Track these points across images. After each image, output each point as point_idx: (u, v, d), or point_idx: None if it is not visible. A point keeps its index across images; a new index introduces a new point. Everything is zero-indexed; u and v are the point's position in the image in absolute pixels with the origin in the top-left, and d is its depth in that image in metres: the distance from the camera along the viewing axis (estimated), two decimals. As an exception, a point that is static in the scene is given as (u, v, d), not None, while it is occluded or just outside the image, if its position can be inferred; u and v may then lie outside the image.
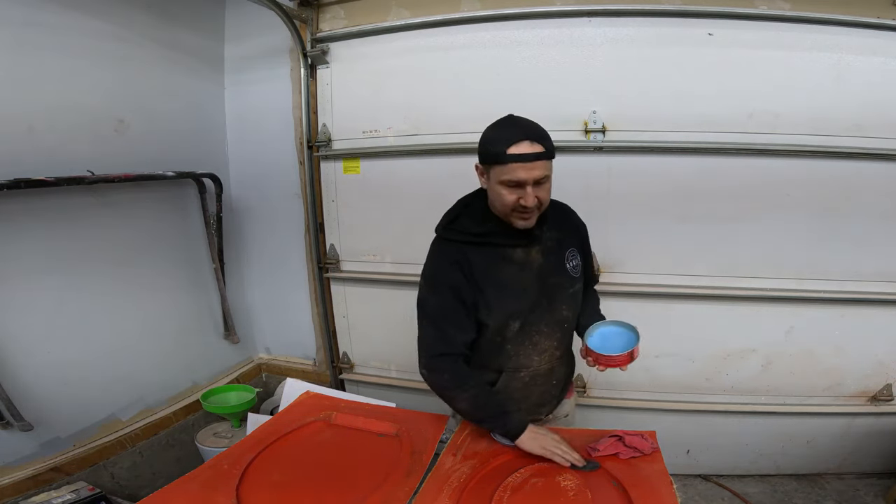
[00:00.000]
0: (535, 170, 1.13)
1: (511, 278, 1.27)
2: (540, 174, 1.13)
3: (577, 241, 1.40)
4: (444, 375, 1.27)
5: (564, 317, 1.35)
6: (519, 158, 1.12)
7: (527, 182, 1.13)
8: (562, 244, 1.34)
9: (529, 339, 1.32)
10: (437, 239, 1.33)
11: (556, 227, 1.34)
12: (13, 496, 1.69)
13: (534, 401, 1.42)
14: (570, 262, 1.35)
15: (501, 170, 1.15)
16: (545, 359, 1.36)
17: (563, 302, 1.33)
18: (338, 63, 2.36)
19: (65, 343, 1.88)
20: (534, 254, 1.29)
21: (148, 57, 2.16)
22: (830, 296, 2.11)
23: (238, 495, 1.12)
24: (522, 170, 1.12)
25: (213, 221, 2.48)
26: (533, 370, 1.36)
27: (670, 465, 1.20)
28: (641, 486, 1.11)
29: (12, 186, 1.59)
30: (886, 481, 2.32)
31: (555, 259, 1.32)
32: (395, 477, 1.19)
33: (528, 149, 1.12)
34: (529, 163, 1.12)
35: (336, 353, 2.75)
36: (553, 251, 1.32)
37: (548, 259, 1.30)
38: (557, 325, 1.35)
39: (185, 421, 2.35)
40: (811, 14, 1.88)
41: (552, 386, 1.43)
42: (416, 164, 2.32)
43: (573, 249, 1.36)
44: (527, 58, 2.11)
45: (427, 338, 1.29)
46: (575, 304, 1.37)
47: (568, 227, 1.39)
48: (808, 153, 1.98)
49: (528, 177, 1.13)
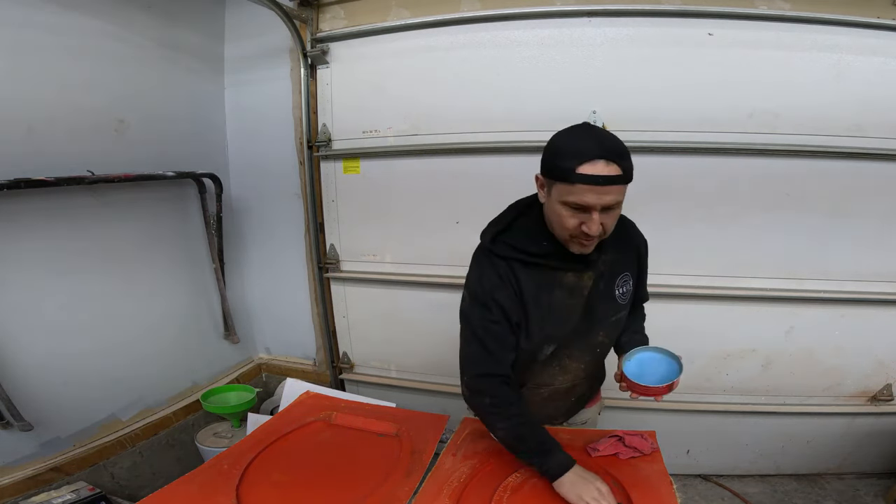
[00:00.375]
0: (608, 195, 0.97)
1: (557, 304, 1.16)
2: (611, 200, 0.98)
3: (634, 263, 1.27)
4: (485, 399, 1.15)
5: (600, 342, 1.26)
6: (591, 180, 0.95)
7: (594, 208, 0.98)
8: (615, 269, 1.21)
9: (559, 362, 1.25)
10: (484, 250, 1.17)
11: (614, 248, 1.19)
12: (13, 496, 1.69)
13: (548, 412, 1.39)
14: (621, 288, 1.22)
15: (567, 189, 0.99)
16: (568, 378, 1.30)
17: (602, 328, 1.24)
18: (338, 63, 2.36)
19: (65, 343, 1.88)
20: (585, 279, 1.17)
21: (148, 57, 2.16)
22: (830, 296, 2.11)
23: (238, 495, 1.12)
24: (592, 194, 0.96)
25: (213, 221, 2.48)
26: (554, 388, 1.31)
27: (670, 465, 1.20)
28: (641, 486, 1.11)
29: (12, 186, 1.59)
30: (886, 481, 2.32)
31: (604, 285, 1.19)
32: (395, 477, 1.19)
33: (603, 170, 0.95)
34: (602, 187, 0.96)
35: (336, 353, 2.75)
36: (605, 277, 1.19)
37: (597, 285, 1.18)
38: (590, 350, 1.26)
39: (185, 421, 2.35)
40: (811, 14, 1.88)
41: (571, 403, 1.40)
42: (416, 164, 2.32)
43: (626, 275, 1.24)
44: (527, 58, 2.10)
45: (471, 355, 1.17)
46: (615, 330, 1.28)
47: (627, 249, 1.25)
48: (808, 153, 1.98)
49: (596, 202, 0.97)
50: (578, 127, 1.05)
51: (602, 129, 1.05)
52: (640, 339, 1.32)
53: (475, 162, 2.22)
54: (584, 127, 1.05)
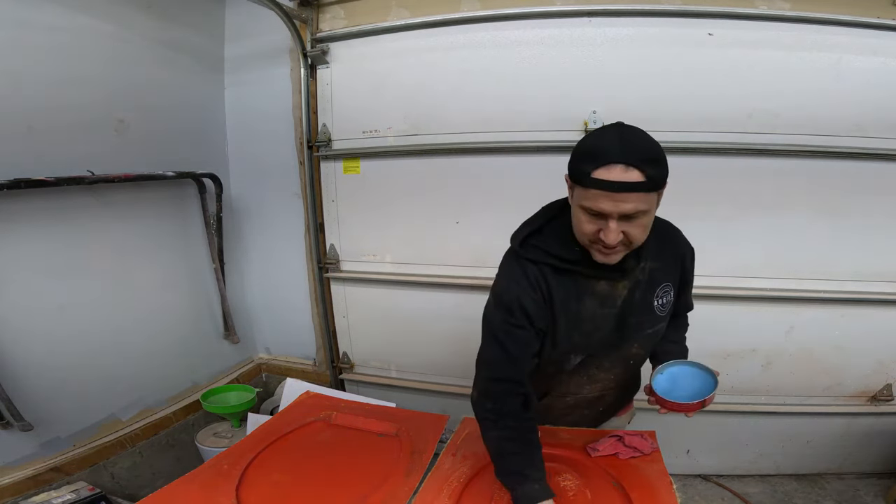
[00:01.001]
0: (625, 203, 0.90)
1: (588, 313, 1.09)
2: (631, 208, 0.90)
3: (677, 273, 1.19)
4: (487, 403, 1.10)
5: (633, 354, 1.19)
6: (603, 186, 0.89)
7: (611, 216, 0.92)
8: (655, 279, 1.13)
9: (587, 372, 1.20)
10: (514, 254, 1.12)
11: (653, 257, 1.12)
12: (13, 496, 1.69)
13: (571, 421, 1.36)
14: (661, 299, 1.14)
15: (583, 194, 0.93)
16: (596, 388, 1.24)
17: (637, 341, 1.16)
18: (338, 63, 2.36)
19: (65, 343, 1.88)
20: (620, 288, 1.09)
21: (148, 57, 2.16)
22: (830, 296, 2.11)
23: (238, 495, 1.12)
24: (608, 200, 0.90)
25: (213, 221, 2.48)
26: (580, 397, 1.27)
27: (670, 465, 1.20)
28: (641, 486, 1.11)
29: (12, 186, 1.59)
30: (886, 481, 2.32)
31: (641, 296, 1.11)
32: (395, 477, 1.19)
33: (619, 176, 0.88)
34: (618, 193, 0.89)
35: (336, 353, 2.75)
36: (642, 287, 1.11)
37: (633, 295, 1.10)
38: (622, 362, 1.19)
39: (185, 421, 2.35)
40: (811, 14, 1.88)
41: (598, 412, 1.35)
42: (416, 164, 2.32)
43: (667, 285, 1.15)
44: (527, 58, 2.10)
45: (489, 359, 1.11)
46: (651, 343, 1.20)
47: (669, 257, 1.16)
48: (808, 153, 1.98)
49: (612, 210, 0.91)
50: (610, 127, 0.96)
51: (636, 130, 0.95)
52: (678, 351, 1.25)
53: (475, 162, 2.22)
54: (615, 127, 0.96)
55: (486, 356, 1.13)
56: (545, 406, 1.30)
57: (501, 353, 1.09)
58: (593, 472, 1.18)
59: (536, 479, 1.03)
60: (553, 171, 2.15)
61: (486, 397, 1.10)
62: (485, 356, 1.13)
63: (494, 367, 1.10)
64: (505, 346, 1.08)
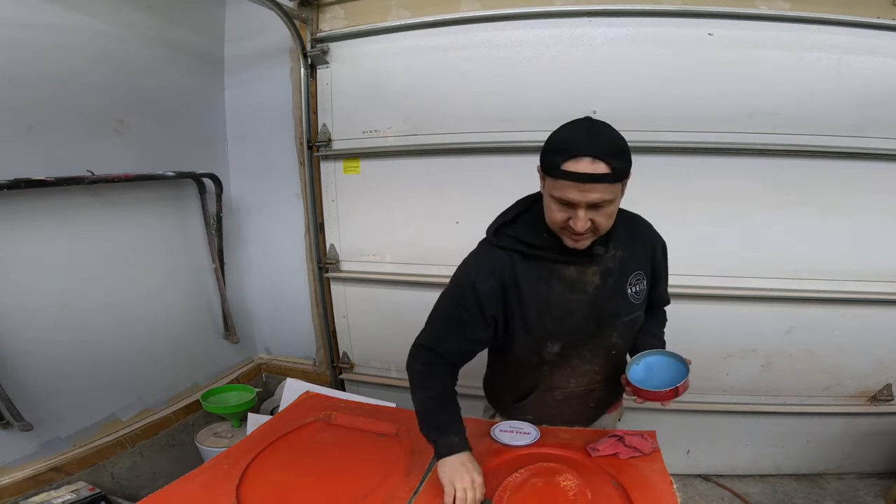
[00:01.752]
0: (592, 193, 0.96)
1: (557, 298, 1.14)
2: (597, 198, 0.97)
3: (648, 262, 1.23)
4: (417, 365, 1.20)
5: (613, 343, 1.22)
6: (572, 177, 0.96)
7: (579, 204, 0.99)
8: (626, 266, 1.18)
9: (569, 363, 1.22)
10: (486, 242, 1.20)
11: (624, 245, 1.18)
12: (13, 496, 1.69)
13: (566, 418, 1.36)
14: (633, 287, 1.19)
15: (553, 184, 1.01)
16: (583, 381, 1.27)
17: (615, 329, 1.20)
18: (338, 63, 2.36)
19: (65, 343, 1.88)
20: (589, 274, 1.15)
21: (148, 57, 2.16)
22: (830, 296, 2.11)
23: (238, 495, 1.12)
24: (575, 191, 0.97)
25: (213, 221, 2.48)
26: (568, 391, 1.28)
27: (670, 465, 1.20)
28: (641, 486, 1.11)
29: (12, 186, 1.59)
30: (886, 481, 2.32)
31: (613, 282, 1.16)
32: (395, 477, 1.19)
33: (587, 168, 0.95)
34: (585, 184, 0.95)
35: (336, 353, 2.75)
36: (613, 273, 1.16)
37: (605, 281, 1.15)
38: (603, 352, 1.22)
39: (185, 421, 2.35)
40: (811, 14, 1.88)
41: (589, 408, 1.37)
42: (416, 164, 2.32)
43: (639, 273, 1.20)
44: (527, 58, 2.10)
45: (426, 328, 1.23)
46: (629, 331, 1.24)
47: (639, 247, 1.22)
48: (808, 153, 1.98)
49: (580, 199, 0.97)
50: (579, 121, 1.03)
51: (603, 125, 1.01)
52: (655, 344, 1.28)
53: (475, 162, 2.22)
54: (584, 122, 1.02)
55: (428, 324, 1.23)
56: (535, 403, 1.32)
57: (441, 327, 1.20)
58: (593, 472, 1.18)
59: (457, 433, 1.13)
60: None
61: (418, 360, 1.21)
62: (427, 326, 1.23)
63: (432, 336, 1.21)
64: (447, 322, 1.19)
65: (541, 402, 1.32)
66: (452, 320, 1.18)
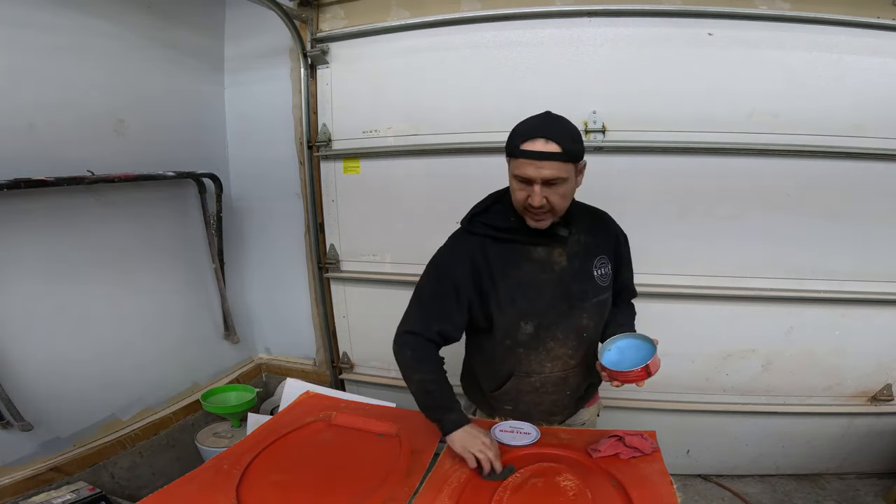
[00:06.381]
0: (545, 169, 1.10)
1: (527, 277, 1.24)
2: (550, 175, 1.10)
3: (612, 249, 1.34)
4: (407, 352, 1.27)
5: (584, 325, 1.29)
6: (528, 155, 1.10)
7: (534, 180, 1.12)
8: (591, 250, 1.29)
9: (543, 345, 1.28)
10: (459, 230, 1.33)
11: (587, 232, 1.30)
12: (13, 496, 1.69)
13: (545, 408, 1.38)
14: (599, 269, 1.29)
15: (514, 164, 1.15)
16: (558, 366, 1.31)
17: (584, 310, 1.28)
18: (338, 63, 2.36)
19: (65, 343, 1.88)
20: (556, 255, 1.25)
21: (148, 57, 2.16)
22: (830, 296, 2.11)
23: (238, 495, 1.12)
24: (531, 167, 1.11)
25: (213, 221, 2.48)
26: (544, 376, 1.32)
27: (670, 465, 1.20)
28: (641, 486, 1.11)
29: (12, 186, 1.59)
30: (886, 481, 2.32)
31: (580, 264, 1.27)
32: (395, 477, 1.19)
33: (541, 147, 1.09)
34: (538, 161, 1.10)
35: (336, 353, 2.75)
36: (579, 256, 1.27)
37: (571, 263, 1.26)
38: (575, 334, 1.29)
39: (185, 421, 2.35)
40: (811, 14, 1.88)
41: (566, 396, 1.38)
42: (416, 164, 2.32)
43: (604, 258, 1.31)
44: (527, 58, 2.10)
45: (409, 313, 1.31)
46: (599, 314, 1.32)
47: (603, 235, 1.34)
48: (808, 153, 1.98)
49: (535, 175, 1.11)
50: (538, 114, 1.18)
51: (559, 117, 1.16)
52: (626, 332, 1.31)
53: (475, 162, 2.22)
54: (542, 114, 1.18)
55: (409, 311, 1.31)
56: (513, 391, 1.35)
57: (423, 312, 1.28)
58: (593, 472, 1.19)
59: (456, 410, 1.24)
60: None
61: (407, 346, 1.27)
62: (408, 311, 1.31)
63: (414, 321, 1.29)
64: (428, 306, 1.28)
65: (518, 389, 1.34)
66: (433, 304, 1.28)
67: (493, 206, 1.29)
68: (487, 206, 1.30)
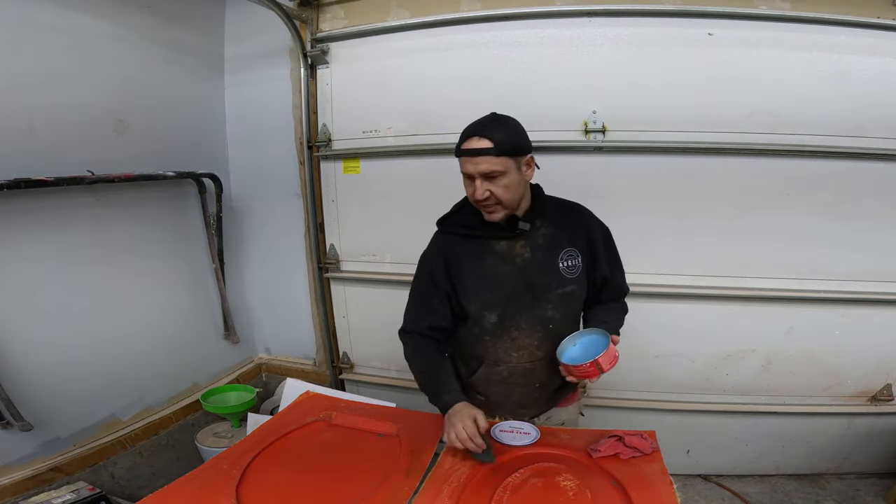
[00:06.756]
0: (480, 164, 1.19)
1: (491, 270, 1.31)
2: (486, 168, 1.19)
3: (583, 243, 1.35)
4: (407, 349, 1.39)
5: (550, 317, 1.32)
6: (464, 153, 1.21)
7: (474, 175, 1.21)
8: (557, 243, 1.33)
9: (508, 334, 1.33)
10: (436, 232, 1.43)
11: (555, 225, 1.34)
12: (13, 496, 1.69)
13: (515, 400, 1.41)
14: (565, 261, 1.33)
15: (460, 164, 1.25)
16: (524, 356, 1.34)
17: (549, 301, 1.32)
18: (338, 63, 2.36)
19: (65, 343, 1.88)
20: (518, 248, 1.32)
21: (148, 57, 2.16)
22: (830, 296, 2.11)
23: (238, 495, 1.12)
24: (469, 163, 1.21)
25: (213, 221, 2.48)
26: (511, 366, 1.35)
27: (670, 465, 1.20)
28: (641, 486, 1.11)
29: (12, 186, 1.59)
30: (886, 481, 2.32)
31: (543, 256, 1.32)
32: (395, 477, 1.19)
33: (475, 144, 1.19)
34: (472, 157, 1.19)
35: (336, 353, 2.75)
36: (543, 248, 1.32)
37: (535, 255, 1.31)
38: (540, 324, 1.32)
39: (185, 421, 2.35)
40: (811, 14, 1.88)
41: (535, 388, 1.40)
42: (416, 164, 2.32)
43: (571, 250, 1.33)
44: (527, 58, 2.10)
45: (405, 314, 1.43)
46: (565, 305, 1.34)
47: (572, 227, 1.36)
48: (808, 153, 1.98)
49: (473, 170, 1.20)
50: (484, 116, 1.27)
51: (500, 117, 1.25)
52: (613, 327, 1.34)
53: (475, 162, 2.22)
54: (486, 115, 1.27)
55: (405, 311, 1.43)
56: (483, 380, 1.40)
57: (414, 310, 1.41)
58: (593, 472, 1.19)
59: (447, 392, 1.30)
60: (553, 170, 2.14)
61: (406, 345, 1.39)
62: (405, 311, 1.43)
63: (409, 320, 1.41)
64: (417, 304, 1.41)
65: (488, 378, 1.39)
66: (420, 301, 1.40)
67: (464, 207, 1.38)
68: (460, 208, 1.40)
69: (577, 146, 2.11)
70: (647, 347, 2.26)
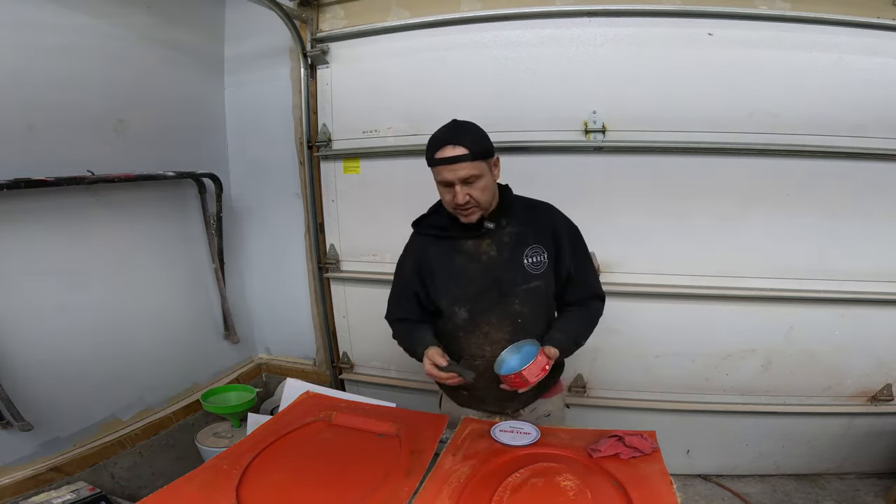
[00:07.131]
0: (460, 171, 1.24)
1: (459, 268, 1.39)
2: (466, 174, 1.24)
3: (548, 240, 1.39)
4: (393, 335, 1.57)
5: (518, 311, 1.38)
6: (442, 162, 1.25)
7: (453, 182, 1.25)
8: (522, 240, 1.38)
9: (479, 329, 1.39)
10: (412, 233, 1.54)
11: (519, 223, 1.39)
12: (13, 496, 1.69)
13: (495, 395, 1.43)
14: (530, 258, 1.37)
15: (435, 172, 1.29)
16: (498, 350, 1.37)
17: (516, 296, 1.37)
18: (338, 63, 2.36)
19: (65, 343, 1.88)
20: (484, 246, 1.38)
21: (148, 57, 2.16)
22: (830, 296, 2.11)
23: (238, 495, 1.12)
24: (448, 171, 1.25)
25: (213, 221, 2.48)
26: (487, 360, 1.38)
27: (670, 465, 1.20)
28: (641, 486, 1.11)
29: (12, 186, 1.59)
30: (886, 481, 2.32)
31: (509, 253, 1.37)
32: (395, 477, 1.19)
33: (450, 152, 1.24)
34: (452, 165, 1.24)
35: (336, 353, 2.75)
36: (509, 246, 1.37)
37: (501, 253, 1.37)
38: (509, 319, 1.38)
39: (185, 421, 2.35)
40: (811, 14, 1.88)
41: None
42: (416, 164, 2.29)
43: (537, 247, 1.38)
44: (527, 58, 2.10)
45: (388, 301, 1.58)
46: (532, 300, 1.38)
47: (538, 225, 1.40)
48: (808, 153, 1.98)
49: (453, 177, 1.25)
50: (446, 124, 1.31)
51: (464, 122, 1.30)
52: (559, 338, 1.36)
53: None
54: (448, 123, 1.31)
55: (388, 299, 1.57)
56: None
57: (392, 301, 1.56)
58: (593, 472, 1.18)
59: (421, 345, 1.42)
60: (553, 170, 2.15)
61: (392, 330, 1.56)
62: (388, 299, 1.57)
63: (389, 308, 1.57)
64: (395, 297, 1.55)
65: None
66: (397, 294, 1.54)
67: (438, 210, 1.45)
68: (434, 211, 1.48)
69: (577, 146, 2.11)
70: (647, 347, 2.26)
